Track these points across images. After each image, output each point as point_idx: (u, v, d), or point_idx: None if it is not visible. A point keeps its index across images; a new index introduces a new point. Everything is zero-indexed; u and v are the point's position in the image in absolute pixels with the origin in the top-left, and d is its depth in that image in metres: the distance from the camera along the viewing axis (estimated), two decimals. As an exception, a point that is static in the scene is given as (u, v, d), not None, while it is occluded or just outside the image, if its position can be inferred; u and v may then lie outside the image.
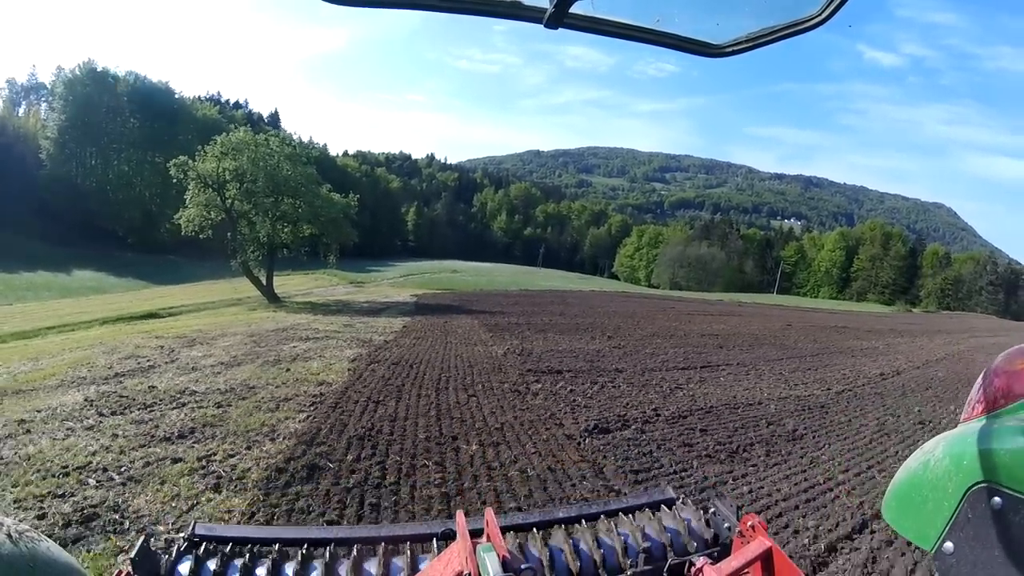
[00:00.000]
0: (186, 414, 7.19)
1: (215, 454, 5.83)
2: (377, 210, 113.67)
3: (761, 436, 7.90)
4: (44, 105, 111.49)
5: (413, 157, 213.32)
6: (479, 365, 12.01)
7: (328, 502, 4.86)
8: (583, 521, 1.83)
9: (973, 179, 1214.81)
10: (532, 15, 1.07)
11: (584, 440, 7.10)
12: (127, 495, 4.74)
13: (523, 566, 1.34)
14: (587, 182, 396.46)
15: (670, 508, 1.93)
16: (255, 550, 1.59)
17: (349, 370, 10.64)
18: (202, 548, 1.57)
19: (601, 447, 6.88)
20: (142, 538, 1.49)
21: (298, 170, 27.60)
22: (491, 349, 14.48)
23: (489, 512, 1.52)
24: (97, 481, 4.98)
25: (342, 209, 29.62)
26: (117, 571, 1.42)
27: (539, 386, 10.17)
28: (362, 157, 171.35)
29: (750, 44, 1.24)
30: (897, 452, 7.51)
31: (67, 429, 6.42)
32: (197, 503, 4.70)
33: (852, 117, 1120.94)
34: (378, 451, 6.21)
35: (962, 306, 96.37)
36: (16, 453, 5.57)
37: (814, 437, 8.11)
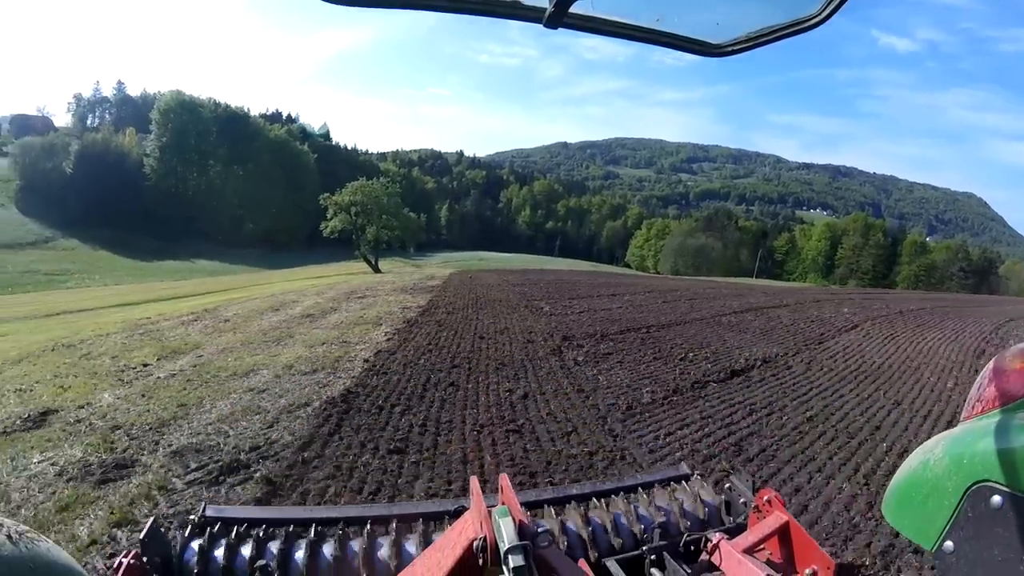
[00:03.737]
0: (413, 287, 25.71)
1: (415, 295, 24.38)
2: (414, 209, 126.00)
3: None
4: (108, 116, 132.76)
5: (443, 153, 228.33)
6: (487, 283, 29.94)
7: (454, 296, 23.24)
8: (598, 498, 1.86)
9: (1002, 167, 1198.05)
10: (532, 15, 1.12)
11: (511, 290, 25.32)
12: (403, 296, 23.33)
13: (540, 529, 1.34)
14: (614, 174, 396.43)
15: (685, 483, 1.98)
16: (266, 531, 1.63)
17: (443, 282, 28.91)
18: (213, 529, 1.63)
19: (520, 292, 25.10)
20: (151, 520, 1.53)
21: (392, 200, 46.68)
22: (493, 281, 32.91)
23: (504, 478, 1.53)
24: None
25: (416, 223, 48.98)
26: (126, 551, 1.48)
27: (509, 286, 28.40)
28: (399, 159, 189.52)
29: (750, 43, 1.28)
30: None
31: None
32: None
33: (874, 103, 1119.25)
34: (462, 295, 24.56)
35: (934, 288, 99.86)
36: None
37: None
